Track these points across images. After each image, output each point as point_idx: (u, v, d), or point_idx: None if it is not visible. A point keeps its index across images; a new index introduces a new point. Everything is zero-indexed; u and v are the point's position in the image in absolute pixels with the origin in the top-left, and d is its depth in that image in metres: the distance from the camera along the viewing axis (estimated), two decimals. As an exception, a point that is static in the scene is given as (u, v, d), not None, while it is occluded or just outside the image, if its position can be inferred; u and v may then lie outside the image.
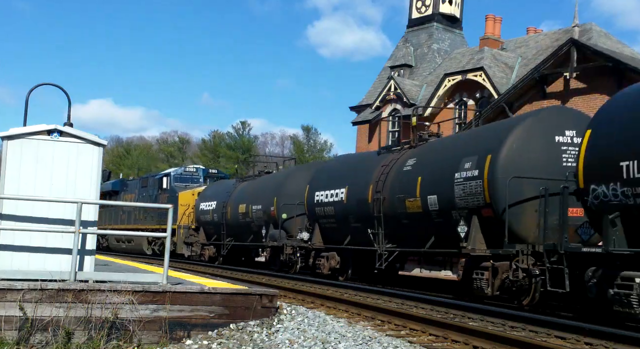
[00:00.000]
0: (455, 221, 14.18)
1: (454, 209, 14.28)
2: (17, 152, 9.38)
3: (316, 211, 19.92)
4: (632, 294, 9.58)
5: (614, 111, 11.00)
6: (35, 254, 9.35)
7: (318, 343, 8.57)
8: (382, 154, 18.69)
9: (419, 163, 16.05)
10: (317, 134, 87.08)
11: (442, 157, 15.37)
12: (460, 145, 15.20)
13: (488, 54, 35.01)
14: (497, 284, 12.89)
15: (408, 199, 15.74)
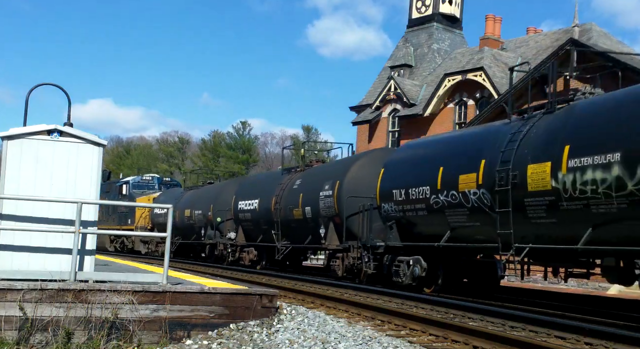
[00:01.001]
0: (320, 225, 20.37)
1: (319, 217, 20.33)
2: (17, 152, 9.38)
3: (239, 216, 25.74)
4: (399, 270, 16.03)
5: (393, 157, 17.64)
6: (35, 254, 9.35)
7: (318, 343, 8.57)
8: (284, 174, 24.35)
9: (302, 183, 22.06)
10: (317, 134, 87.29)
11: (314, 180, 21.29)
12: (325, 172, 21.31)
13: (488, 54, 35.02)
14: (343, 267, 19.13)
15: (295, 209, 21.79)
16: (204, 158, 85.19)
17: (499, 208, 12.91)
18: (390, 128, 39.51)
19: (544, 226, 12.20)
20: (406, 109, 37.98)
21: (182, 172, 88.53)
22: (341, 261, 19.13)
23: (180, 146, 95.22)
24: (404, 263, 15.95)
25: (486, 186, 13.32)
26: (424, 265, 15.43)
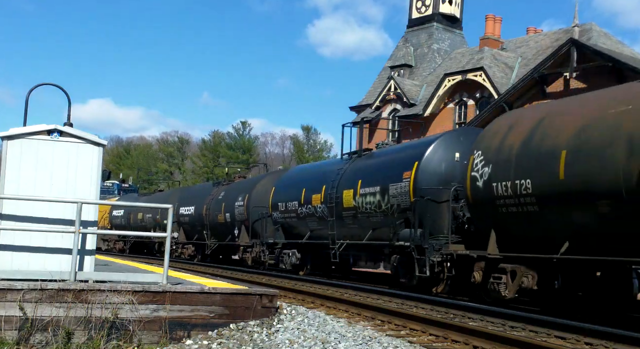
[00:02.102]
0: (235, 227, 26.70)
1: (235, 221, 26.72)
2: (17, 152, 9.38)
3: (181, 219, 32.00)
4: (284, 259, 22.29)
5: (279, 179, 24.63)
6: (35, 254, 9.35)
7: (318, 343, 8.57)
8: (214, 186, 31.04)
9: (225, 195, 28.28)
10: (317, 134, 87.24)
11: (233, 192, 27.60)
12: (240, 187, 27.68)
13: (488, 54, 35.01)
14: (252, 259, 25.09)
15: (219, 215, 28.22)
16: (204, 158, 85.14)
17: (330, 217, 19.70)
18: (390, 128, 39.51)
19: (352, 229, 18.96)
20: (406, 109, 37.97)
21: (182, 172, 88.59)
22: (250, 254, 25.46)
23: (180, 146, 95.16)
24: (286, 254, 22.43)
25: (325, 203, 20.05)
26: (298, 256, 22.09)
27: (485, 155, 13.38)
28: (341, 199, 19.00)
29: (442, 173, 15.89)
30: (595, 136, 10.88)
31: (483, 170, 13.28)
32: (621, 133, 10.43)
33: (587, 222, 10.95)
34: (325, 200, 19.84)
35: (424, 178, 15.83)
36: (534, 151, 12.04)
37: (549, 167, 11.55)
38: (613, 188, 10.32)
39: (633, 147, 10.08)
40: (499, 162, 12.85)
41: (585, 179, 10.78)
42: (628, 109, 10.54)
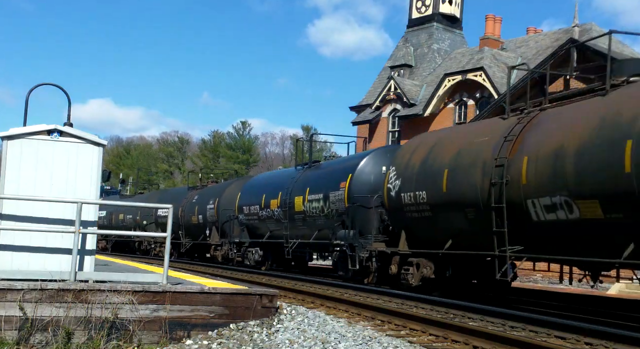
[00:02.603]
0: (207, 227, 29.55)
1: (207, 222, 29.56)
2: (17, 152, 9.39)
3: (158, 220, 34.79)
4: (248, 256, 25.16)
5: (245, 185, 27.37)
6: (35, 254, 9.35)
7: (318, 343, 8.57)
8: (189, 190, 34.18)
9: (198, 198, 31.31)
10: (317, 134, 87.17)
11: (205, 196, 30.57)
12: (211, 191, 30.63)
13: (488, 54, 35.02)
14: (221, 256, 27.81)
15: (192, 216, 31.23)
16: (204, 158, 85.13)
17: (284, 220, 22.59)
18: (390, 128, 39.51)
19: (302, 229, 21.79)
20: (406, 109, 37.98)
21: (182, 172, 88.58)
22: (220, 252, 28.21)
23: (180, 146, 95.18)
24: (251, 252, 25.37)
25: (281, 207, 22.92)
26: (260, 253, 24.98)
27: (397, 171, 16.37)
28: (293, 204, 22.08)
29: (371, 183, 18.69)
30: (465, 159, 13.89)
31: (395, 183, 16.27)
32: (480, 158, 13.36)
33: (462, 225, 13.94)
34: (281, 204, 22.92)
35: (356, 188, 18.82)
36: (428, 169, 15.09)
37: (437, 182, 14.52)
38: (475, 200, 13.30)
39: (485, 170, 13.00)
40: (406, 177, 15.86)
41: (459, 192, 13.80)
42: (486, 140, 13.55)
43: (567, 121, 11.78)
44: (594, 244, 11.07)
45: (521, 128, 12.76)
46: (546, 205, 11.54)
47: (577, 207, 10.91)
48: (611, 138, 10.45)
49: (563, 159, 11.20)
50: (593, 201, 10.61)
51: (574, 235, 11.33)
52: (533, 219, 11.93)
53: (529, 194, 11.92)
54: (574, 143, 11.11)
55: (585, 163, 10.75)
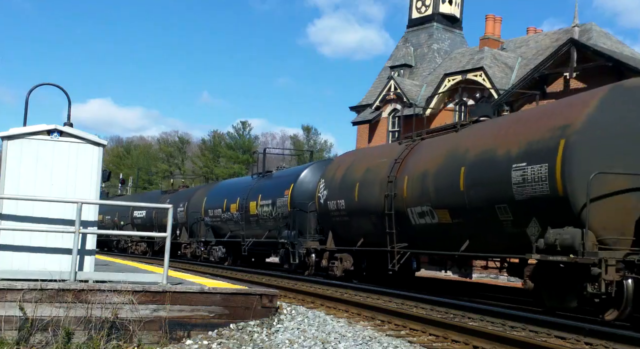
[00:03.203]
0: (177, 228, 32.28)
1: (178, 223, 32.27)
2: (17, 152, 9.39)
3: (134, 221, 38.32)
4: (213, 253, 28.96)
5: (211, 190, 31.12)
6: (35, 254, 9.36)
7: (318, 343, 8.57)
8: (162, 194, 37.85)
9: (170, 202, 32.14)
10: (317, 134, 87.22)
11: (176, 199, 33.40)
12: (182, 195, 34.18)
13: (488, 54, 35.01)
14: (190, 253, 31.13)
15: (164, 218, 32.88)
16: (204, 158, 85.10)
17: (241, 221, 26.07)
18: (390, 128, 39.52)
19: (256, 230, 25.30)
20: (406, 109, 37.98)
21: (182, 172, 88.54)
22: (188, 250, 31.48)
23: (180, 145, 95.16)
24: (215, 249, 28.63)
25: (239, 210, 26.27)
26: (223, 250, 28.31)
27: (325, 182, 19.98)
28: (248, 208, 25.68)
29: (309, 191, 21.85)
30: (370, 176, 17.58)
31: (324, 192, 19.80)
32: (379, 176, 17.08)
33: (368, 227, 17.76)
34: (239, 208, 26.42)
35: (297, 195, 22.34)
36: (346, 182, 18.73)
37: (352, 193, 18.22)
38: (376, 208, 17.01)
39: (382, 185, 16.72)
40: (331, 188, 19.46)
41: (366, 202, 17.55)
42: (384, 161, 17.33)
43: (431, 150, 15.68)
44: (447, 241, 14.68)
45: (406, 153, 16.55)
46: (419, 213, 15.26)
47: (436, 215, 14.64)
48: (453, 165, 14.11)
49: (427, 179, 14.95)
50: (444, 210, 14.31)
51: (436, 234, 15.09)
52: (412, 223, 15.61)
53: (408, 205, 15.59)
54: (433, 168, 14.89)
55: (439, 183, 14.45)
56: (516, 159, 12.17)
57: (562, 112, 11.89)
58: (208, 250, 29.24)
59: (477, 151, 13.52)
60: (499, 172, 12.53)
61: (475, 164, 13.37)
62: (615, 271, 10.20)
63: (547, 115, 12.35)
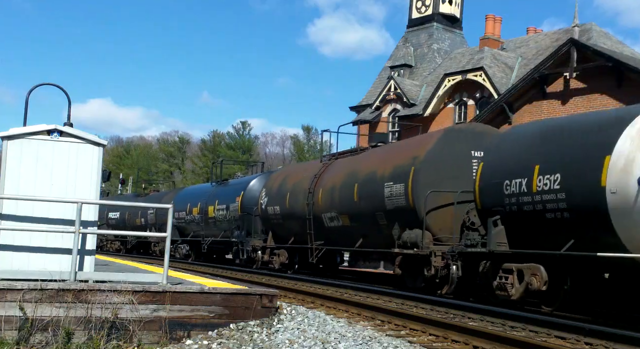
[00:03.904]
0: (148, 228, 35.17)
1: (148, 224, 35.66)
2: (17, 152, 9.39)
3: (109, 222, 41.18)
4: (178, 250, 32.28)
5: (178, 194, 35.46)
6: (35, 254, 9.35)
7: (318, 343, 8.57)
8: (134, 197, 41.86)
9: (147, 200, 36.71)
10: (318, 134, 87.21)
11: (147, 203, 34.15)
12: (152, 199, 36.32)
13: (488, 54, 35.01)
14: (159, 250, 32.62)
15: (136, 219, 37.53)
16: (204, 158, 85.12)
17: (202, 223, 29.69)
18: (390, 128, 39.52)
19: (213, 230, 28.56)
20: (406, 109, 37.98)
21: (182, 172, 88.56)
22: (158, 248, 33.82)
23: (180, 145, 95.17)
24: (180, 247, 32.14)
25: (200, 213, 29.89)
26: (187, 248, 31.89)
27: (266, 191, 23.77)
28: (207, 211, 29.24)
29: (255, 198, 25.16)
30: (298, 187, 21.42)
31: (265, 199, 23.53)
32: (303, 187, 20.88)
33: (296, 228, 21.37)
34: (200, 211, 30.12)
35: (246, 201, 26.07)
36: (281, 191, 22.51)
37: (284, 200, 21.96)
38: (302, 213, 20.79)
39: (305, 196, 20.51)
40: (270, 196, 23.26)
41: (294, 208, 21.26)
42: (307, 176, 21.22)
43: (338, 168, 19.75)
44: (349, 239, 18.67)
45: (323, 170, 20.55)
46: (329, 217, 19.31)
47: (340, 219, 18.82)
48: (350, 182, 18.32)
49: (334, 192, 19.08)
50: (346, 215, 18.50)
51: (341, 234, 19.09)
52: (325, 225, 19.60)
53: (322, 211, 19.56)
54: (338, 183, 19.03)
55: (342, 195, 18.60)
56: (387, 179, 16.51)
57: (415, 147, 16.45)
58: (174, 248, 31.96)
59: (366, 172, 17.89)
60: (377, 189, 16.83)
61: (364, 181, 17.71)
62: (441, 259, 14.37)
63: (408, 147, 17.05)
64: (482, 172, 13.38)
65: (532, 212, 11.82)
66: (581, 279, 12.01)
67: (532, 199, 11.80)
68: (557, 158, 11.52)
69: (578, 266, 11.59)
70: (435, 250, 14.48)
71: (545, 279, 11.64)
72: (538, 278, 11.69)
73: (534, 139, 12.55)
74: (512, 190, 12.27)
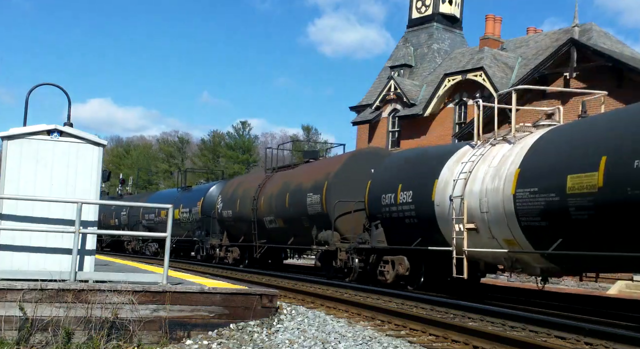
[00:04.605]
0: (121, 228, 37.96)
1: (122, 224, 38.75)
2: (17, 152, 9.38)
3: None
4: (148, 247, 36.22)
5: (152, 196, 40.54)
6: (35, 254, 9.35)
7: (318, 343, 8.57)
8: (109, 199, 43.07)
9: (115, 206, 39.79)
10: (317, 134, 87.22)
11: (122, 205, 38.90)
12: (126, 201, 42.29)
13: (488, 54, 35.01)
14: (132, 248, 37.00)
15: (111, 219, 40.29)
16: (204, 158, 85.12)
17: None
18: (390, 128, 39.53)
19: (178, 230, 30.97)
20: (406, 109, 37.98)
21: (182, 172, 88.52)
22: (130, 246, 37.15)
23: (180, 145, 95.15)
24: (150, 246, 35.12)
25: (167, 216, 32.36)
26: (157, 246, 34.47)
27: (222, 197, 27.48)
28: (174, 214, 31.37)
29: (214, 203, 28.69)
30: (246, 194, 25.16)
31: (221, 204, 27.16)
32: (250, 194, 24.76)
33: (246, 229, 25.04)
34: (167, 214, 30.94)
35: (206, 205, 30.06)
36: (233, 197, 26.20)
37: (235, 205, 25.75)
38: (248, 217, 24.60)
39: (252, 202, 24.21)
40: (225, 201, 26.89)
41: (243, 212, 25.07)
42: (253, 185, 25.07)
43: (277, 180, 23.75)
44: (284, 238, 22.72)
45: (265, 181, 24.60)
46: (269, 220, 23.26)
47: (277, 222, 22.77)
48: (284, 191, 22.36)
49: (272, 199, 23.03)
50: (281, 219, 22.51)
51: (278, 234, 23.05)
52: (266, 227, 23.51)
53: (264, 215, 23.56)
54: (275, 192, 23.02)
55: (277, 202, 22.57)
56: (309, 190, 20.59)
57: (330, 165, 20.82)
58: (145, 246, 35.77)
59: (295, 184, 21.86)
60: (302, 198, 20.86)
61: (293, 191, 21.66)
62: (345, 254, 18.13)
63: (325, 165, 21.36)
64: (369, 187, 17.74)
65: (398, 218, 16.12)
66: (432, 265, 15.83)
67: (397, 208, 16.10)
68: (410, 180, 15.93)
69: (426, 256, 15.65)
70: (340, 247, 18.52)
71: (407, 266, 15.79)
72: (403, 265, 15.83)
73: (399, 165, 17.16)
74: (387, 202, 16.55)
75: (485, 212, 13.17)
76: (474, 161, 13.98)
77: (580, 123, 12.80)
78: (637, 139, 10.33)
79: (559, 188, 11.37)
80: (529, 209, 12.00)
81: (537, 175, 12.04)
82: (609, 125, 11.33)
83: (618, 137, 10.70)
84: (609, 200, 10.48)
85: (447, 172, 14.61)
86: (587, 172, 10.88)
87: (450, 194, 14.10)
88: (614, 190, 10.39)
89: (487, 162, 13.65)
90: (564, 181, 11.26)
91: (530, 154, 12.52)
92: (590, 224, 10.93)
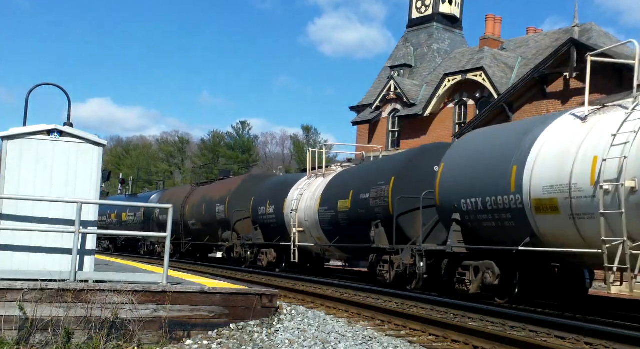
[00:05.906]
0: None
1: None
2: (17, 152, 9.38)
3: None
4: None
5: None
6: (35, 254, 9.35)
7: (318, 343, 8.57)
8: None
9: None
10: (317, 134, 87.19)
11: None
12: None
13: (488, 54, 35.01)
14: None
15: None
16: (204, 158, 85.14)
17: (117, 225, 40.65)
18: (390, 128, 39.54)
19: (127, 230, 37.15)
20: (406, 109, 37.99)
21: (182, 172, 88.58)
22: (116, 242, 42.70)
23: (180, 145, 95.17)
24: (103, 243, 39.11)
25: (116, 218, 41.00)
26: (108, 243, 40.52)
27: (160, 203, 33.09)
28: (122, 216, 39.54)
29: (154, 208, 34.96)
30: (177, 202, 31.16)
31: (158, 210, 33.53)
32: (179, 202, 31.58)
33: (177, 229, 29.40)
34: (117, 216, 40.26)
35: (147, 210, 35.85)
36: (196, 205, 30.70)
37: (200, 210, 29.99)
38: (178, 221, 30.92)
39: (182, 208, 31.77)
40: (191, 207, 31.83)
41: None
42: (183, 195, 33.19)
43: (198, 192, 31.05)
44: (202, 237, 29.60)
45: (190, 192, 32.07)
46: (192, 223, 30.59)
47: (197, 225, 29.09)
48: (202, 202, 29.67)
49: (194, 208, 30.48)
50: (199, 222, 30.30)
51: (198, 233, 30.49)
52: (190, 228, 30.92)
53: (188, 219, 30.82)
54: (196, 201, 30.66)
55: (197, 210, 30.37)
56: (218, 201, 28.13)
57: (231, 184, 28.84)
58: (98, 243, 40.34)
59: (210, 196, 29.31)
60: (213, 207, 28.44)
61: (208, 202, 29.05)
62: (241, 248, 26.16)
63: (228, 183, 28.88)
64: (252, 202, 25.90)
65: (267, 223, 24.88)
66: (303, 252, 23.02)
67: (267, 217, 24.72)
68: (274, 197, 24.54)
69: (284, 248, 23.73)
70: (236, 243, 26.57)
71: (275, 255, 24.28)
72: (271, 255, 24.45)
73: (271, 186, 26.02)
74: (262, 211, 25.05)
75: (306, 221, 21.85)
76: (302, 188, 22.86)
77: (348, 171, 21.60)
78: (365, 183, 18.72)
79: (335, 207, 20.04)
80: (324, 219, 20.67)
81: (327, 199, 20.65)
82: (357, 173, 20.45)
83: (358, 180, 19.53)
84: (353, 215, 18.98)
85: (291, 193, 23.42)
86: (345, 199, 19.54)
87: (291, 208, 22.73)
88: (355, 209, 18.85)
89: (311, 189, 22.24)
90: (337, 203, 19.98)
91: (327, 187, 21.28)
92: (347, 228, 19.49)
